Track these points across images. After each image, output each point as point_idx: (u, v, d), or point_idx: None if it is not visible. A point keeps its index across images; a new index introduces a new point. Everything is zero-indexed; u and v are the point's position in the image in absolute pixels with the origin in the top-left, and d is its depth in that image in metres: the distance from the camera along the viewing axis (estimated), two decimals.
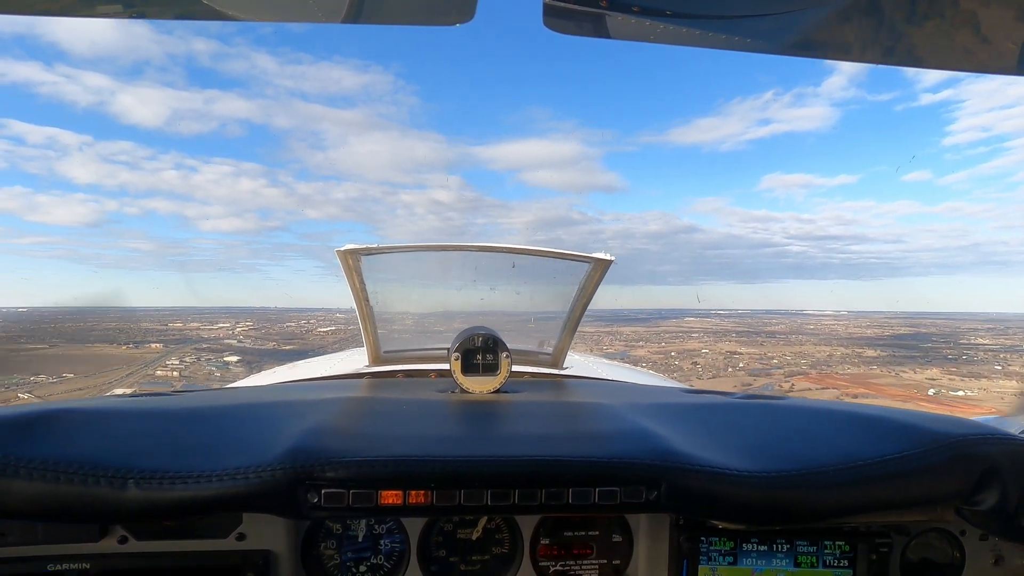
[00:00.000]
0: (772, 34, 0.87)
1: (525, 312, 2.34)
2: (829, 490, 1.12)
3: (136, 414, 1.27)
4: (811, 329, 51.64)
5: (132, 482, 1.00)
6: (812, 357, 38.25)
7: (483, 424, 1.43)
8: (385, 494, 1.09)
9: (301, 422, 1.29)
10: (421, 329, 2.45)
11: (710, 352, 39.12)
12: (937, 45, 0.85)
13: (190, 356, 28.59)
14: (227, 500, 1.04)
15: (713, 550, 1.34)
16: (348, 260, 1.91)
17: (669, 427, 1.34)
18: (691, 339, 46.23)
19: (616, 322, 48.24)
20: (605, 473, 1.13)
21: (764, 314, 70.45)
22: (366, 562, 1.40)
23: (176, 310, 54.87)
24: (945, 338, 42.56)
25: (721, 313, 66.32)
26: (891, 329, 50.73)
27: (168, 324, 39.30)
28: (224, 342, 32.64)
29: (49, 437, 1.07)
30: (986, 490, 1.16)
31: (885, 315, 69.66)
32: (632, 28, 0.84)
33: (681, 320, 59.22)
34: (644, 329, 50.13)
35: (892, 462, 1.14)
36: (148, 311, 59.02)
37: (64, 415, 1.16)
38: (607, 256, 1.93)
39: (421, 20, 0.85)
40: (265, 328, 35.84)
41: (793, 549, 1.34)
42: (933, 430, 1.21)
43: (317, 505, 1.08)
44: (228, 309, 56.65)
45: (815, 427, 1.35)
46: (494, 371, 1.77)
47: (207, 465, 1.05)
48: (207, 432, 1.23)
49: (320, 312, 30.10)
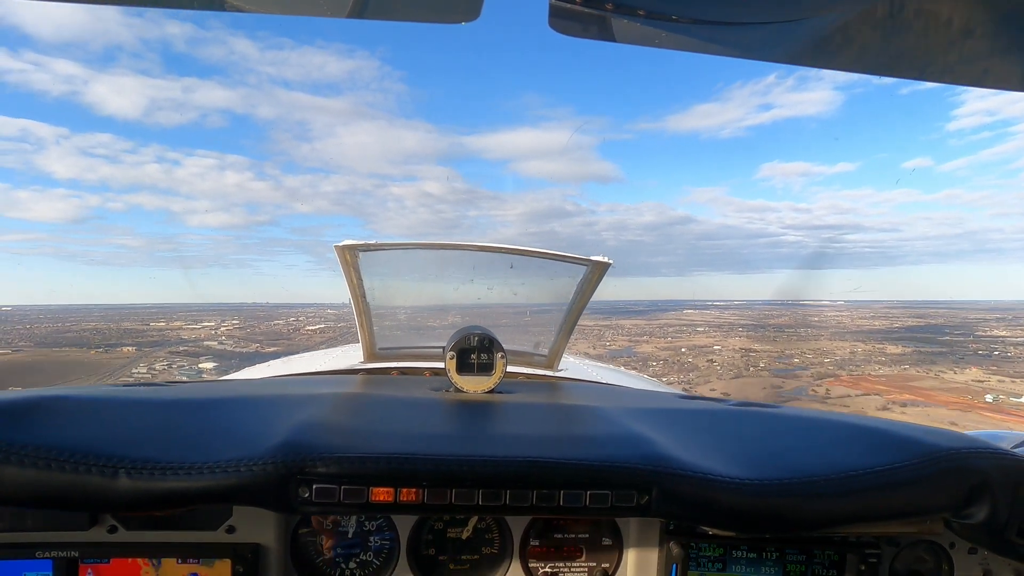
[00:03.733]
0: (779, 42, 0.87)
1: (521, 313, 2.32)
2: (820, 500, 1.12)
3: (129, 403, 1.28)
4: (816, 321, 50.79)
5: (123, 471, 1.00)
6: (833, 355, 36.96)
7: (476, 424, 1.42)
8: (376, 491, 1.09)
9: (294, 416, 1.29)
10: (417, 327, 2.41)
11: (723, 348, 37.93)
12: (946, 59, 0.85)
13: (161, 362, 27.36)
14: (218, 492, 1.04)
15: (703, 556, 1.35)
16: (346, 255, 1.92)
17: (662, 432, 1.34)
18: (697, 333, 45.21)
19: (614, 315, 47.44)
20: (597, 476, 1.13)
21: (763, 305, 69.98)
22: (356, 558, 1.40)
23: (163, 307, 53.82)
24: (959, 329, 41.61)
25: (719, 304, 65.88)
26: (899, 320, 49.91)
27: (150, 323, 38.05)
28: (204, 344, 31.46)
29: (42, 424, 1.08)
30: (976, 504, 1.17)
31: (884, 305, 69.29)
32: (637, 32, 0.84)
33: (680, 312, 58.51)
34: (644, 322, 49.25)
35: (883, 473, 1.15)
36: (135, 308, 57.97)
37: (58, 402, 1.17)
38: (605, 259, 1.94)
39: (427, 17, 0.84)
40: (251, 327, 34.60)
41: (782, 557, 1.35)
42: (925, 442, 1.22)
43: (308, 500, 1.08)
44: (217, 305, 55.88)
45: (808, 437, 1.36)
46: (489, 371, 1.76)
47: (198, 457, 1.05)
48: (199, 424, 1.23)
49: (311, 308, 29.46)
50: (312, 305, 27.61)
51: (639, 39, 0.84)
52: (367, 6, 0.81)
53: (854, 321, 49.12)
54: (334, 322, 17.95)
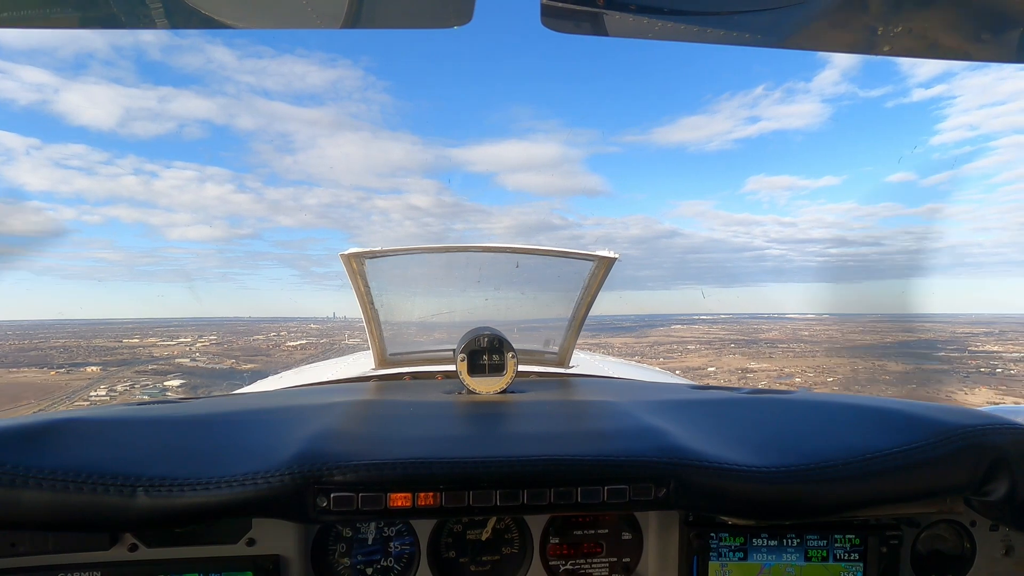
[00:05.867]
0: (770, 28, 0.87)
1: (530, 311, 2.32)
2: (838, 484, 1.11)
3: (143, 422, 1.28)
4: (807, 336, 50.57)
5: (141, 490, 1.00)
6: (835, 372, 36.40)
7: (491, 424, 1.42)
8: (394, 496, 1.09)
9: (309, 426, 1.29)
10: (426, 331, 2.40)
11: (717, 369, 37.34)
12: (935, 34, 0.86)
13: (124, 383, 25.93)
14: (236, 505, 1.04)
15: (723, 546, 1.34)
16: (352, 263, 1.92)
17: (677, 424, 1.33)
18: (688, 352, 44.68)
19: (602, 332, 46.83)
20: (614, 471, 1.12)
21: (749, 318, 70.03)
22: (376, 564, 1.39)
23: (140, 323, 52.05)
24: (951, 344, 41.49)
25: (705, 318, 65.62)
26: (889, 335, 49.83)
27: (123, 340, 36.50)
28: (175, 361, 30.13)
29: (57, 447, 1.08)
30: (996, 480, 1.16)
31: (869, 319, 69.63)
32: (630, 25, 0.84)
33: (669, 328, 58.12)
34: (634, 340, 48.71)
35: (900, 454, 1.13)
36: (110, 324, 56.17)
37: (72, 424, 1.17)
38: (611, 254, 1.94)
39: (419, 23, 0.85)
40: (229, 342, 33.34)
41: (803, 543, 1.34)
42: (941, 420, 1.20)
43: (326, 509, 1.08)
44: (197, 320, 54.29)
45: (822, 421, 1.34)
46: (500, 371, 1.75)
47: (216, 471, 1.05)
48: (215, 438, 1.22)
49: (293, 323, 28.40)
50: (295, 320, 26.66)
51: (632, 32, 0.83)
52: (360, 16, 0.81)
53: (844, 336, 49.02)
54: (316, 338, 16.98)
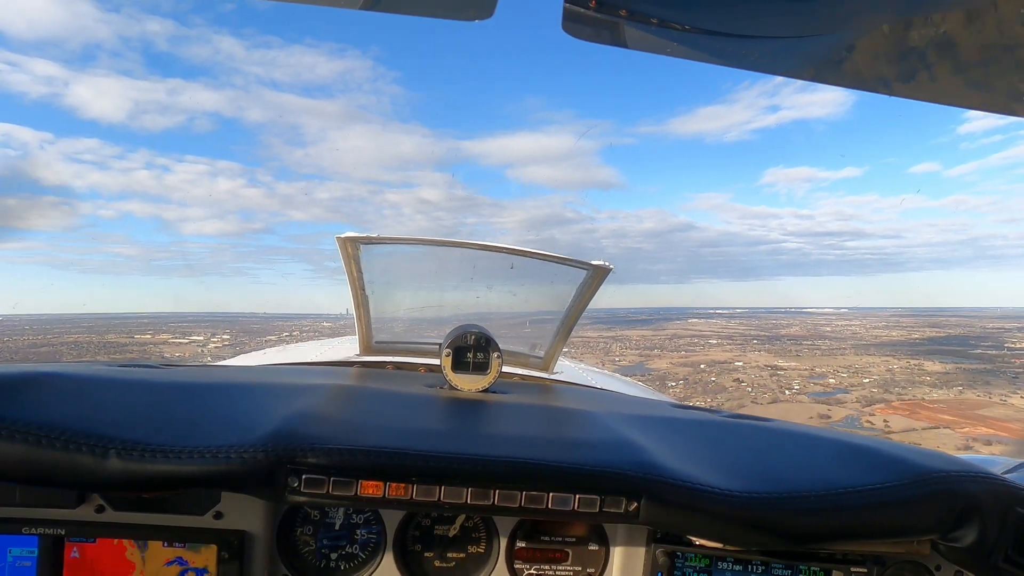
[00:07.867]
0: (789, 57, 0.88)
1: (520, 314, 2.31)
2: (808, 515, 1.12)
3: (122, 384, 1.27)
4: (829, 332, 49.17)
5: (114, 452, 1.00)
6: (869, 373, 34.99)
7: (469, 422, 1.41)
8: (365, 484, 1.08)
9: (287, 405, 1.29)
10: (414, 322, 2.40)
11: (745, 365, 36.05)
12: (954, 82, 0.86)
13: None
14: (207, 478, 1.03)
15: (688, 566, 1.33)
16: (347, 247, 1.92)
17: (653, 440, 1.33)
18: (711, 346, 43.52)
19: (617, 324, 45.85)
20: (586, 481, 1.12)
21: (766, 312, 68.54)
22: (341, 550, 1.39)
23: (155, 317, 52.01)
24: (986, 341, 39.98)
25: (722, 312, 64.40)
26: (916, 330, 48.25)
27: (135, 336, 36.21)
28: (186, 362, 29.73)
29: (34, 400, 1.07)
30: (966, 527, 1.17)
31: (891, 312, 67.87)
32: (649, 40, 0.84)
33: (686, 321, 56.96)
34: (651, 333, 47.68)
35: (873, 492, 1.14)
36: (125, 319, 56.20)
37: (50, 379, 1.16)
38: (606, 264, 1.95)
39: (439, 13, 0.84)
40: (242, 342, 32.94)
41: (768, 571, 1.34)
42: (918, 463, 1.21)
43: (297, 490, 1.07)
44: (213, 315, 54.16)
45: (800, 452, 1.35)
46: (484, 370, 1.75)
47: (189, 441, 1.05)
48: (192, 407, 1.22)
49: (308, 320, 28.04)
50: (308, 316, 26.31)
51: (651, 47, 0.84)
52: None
53: (869, 332, 47.53)
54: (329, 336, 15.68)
